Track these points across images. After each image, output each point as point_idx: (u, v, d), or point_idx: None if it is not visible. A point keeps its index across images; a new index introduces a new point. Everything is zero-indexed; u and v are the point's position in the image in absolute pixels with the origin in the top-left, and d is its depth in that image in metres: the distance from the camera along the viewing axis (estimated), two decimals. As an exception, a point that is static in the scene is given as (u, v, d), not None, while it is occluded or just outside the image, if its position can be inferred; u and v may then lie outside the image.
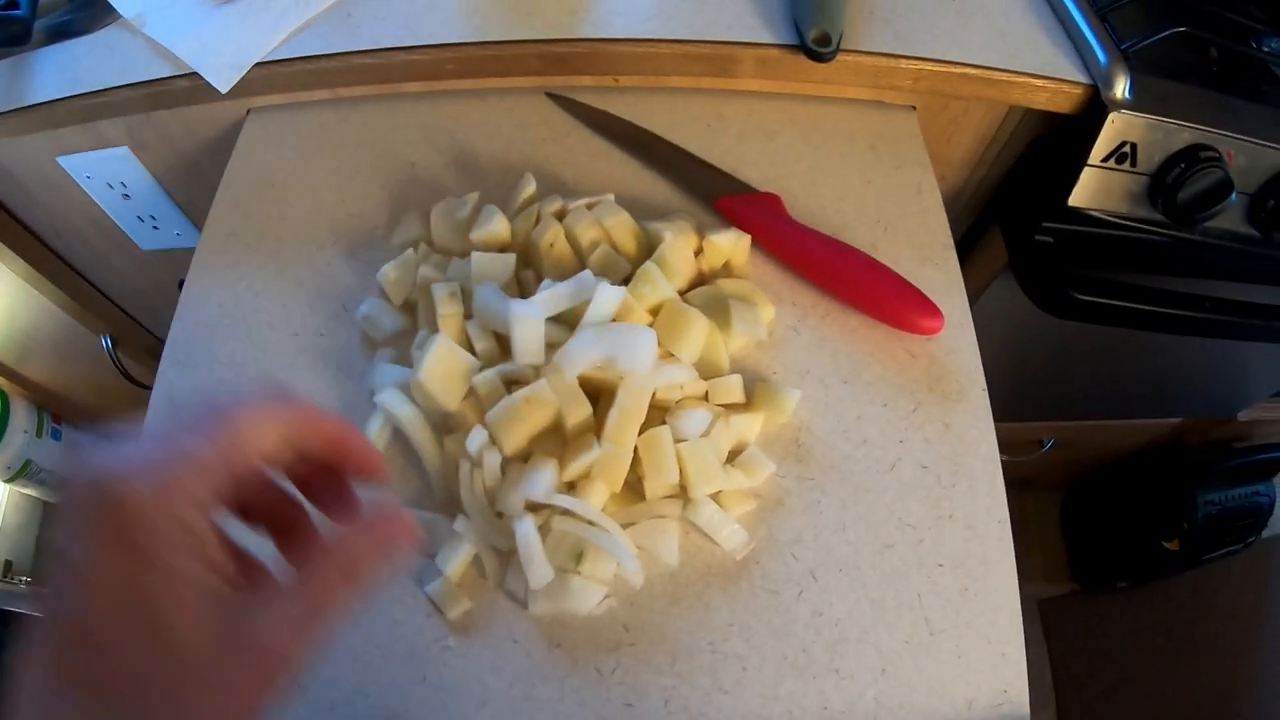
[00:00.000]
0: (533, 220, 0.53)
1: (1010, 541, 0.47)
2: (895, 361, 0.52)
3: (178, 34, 0.62)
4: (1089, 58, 0.60)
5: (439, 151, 0.61)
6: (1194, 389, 1.12)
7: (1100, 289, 0.68)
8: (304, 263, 0.57)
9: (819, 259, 0.53)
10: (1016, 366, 0.94)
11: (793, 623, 0.44)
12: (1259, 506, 1.29)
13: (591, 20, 0.61)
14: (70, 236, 0.83)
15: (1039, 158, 0.69)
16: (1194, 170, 0.60)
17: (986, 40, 0.61)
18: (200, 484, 0.24)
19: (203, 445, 0.25)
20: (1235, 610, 1.37)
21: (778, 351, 0.52)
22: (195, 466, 0.24)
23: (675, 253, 0.50)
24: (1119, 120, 0.59)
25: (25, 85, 0.63)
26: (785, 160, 0.61)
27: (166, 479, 0.24)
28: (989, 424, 0.50)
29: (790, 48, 0.59)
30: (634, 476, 0.45)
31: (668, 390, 0.47)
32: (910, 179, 0.60)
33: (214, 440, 0.25)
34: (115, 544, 0.23)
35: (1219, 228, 0.65)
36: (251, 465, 0.26)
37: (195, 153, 0.70)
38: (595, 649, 0.43)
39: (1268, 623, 1.33)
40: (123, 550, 0.23)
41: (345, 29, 0.61)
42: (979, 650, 0.44)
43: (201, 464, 0.25)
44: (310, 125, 0.64)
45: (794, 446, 0.49)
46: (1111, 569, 1.43)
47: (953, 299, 0.54)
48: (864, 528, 0.47)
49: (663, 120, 0.62)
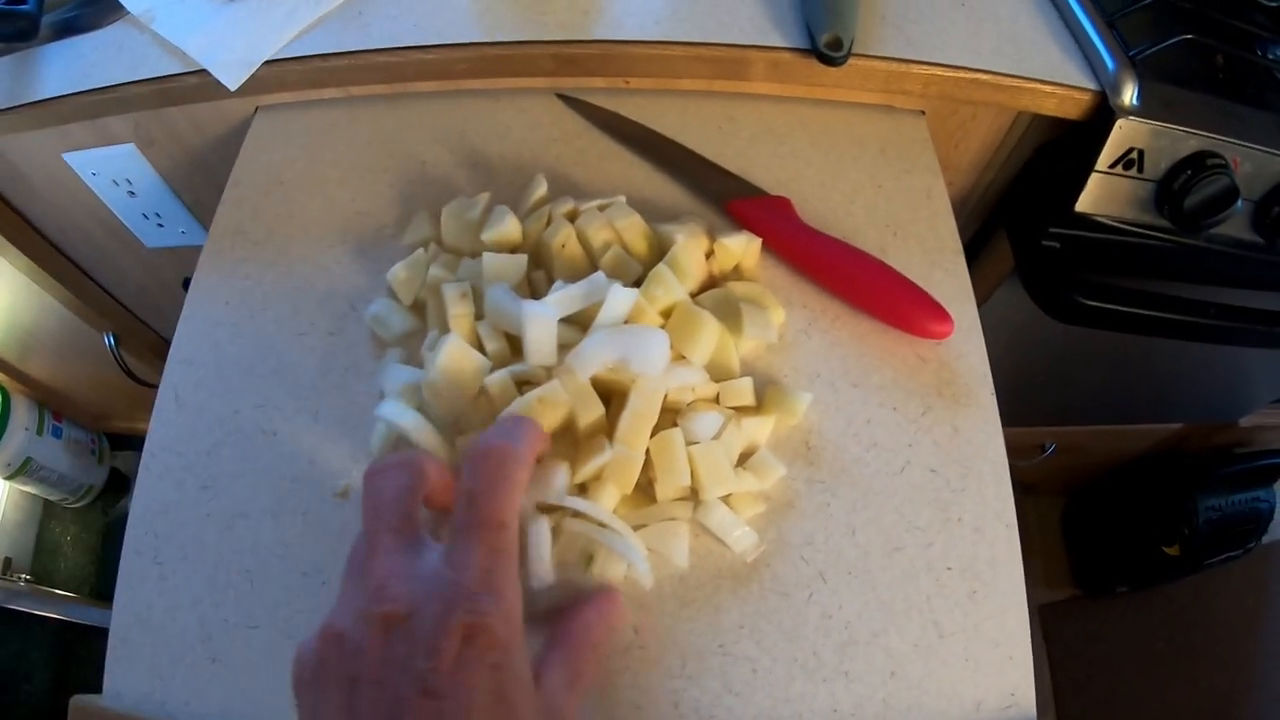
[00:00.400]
0: (544, 221, 0.53)
1: (1018, 545, 0.47)
2: (905, 365, 0.52)
3: (187, 31, 0.62)
4: (1097, 64, 0.61)
5: (449, 151, 0.61)
6: (1196, 394, 1.12)
7: (1106, 294, 0.68)
8: (313, 261, 0.57)
9: (829, 262, 0.53)
10: (1020, 371, 0.94)
11: (802, 625, 0.44)
12: (1260, 512, 1.29)
13: (604, 22, 0.61)
14: (74, 233, 0.83)
15: (1046, 163, 0.69)
16: (1200, 177, 0.60)
17: (996, 46, 0.61)
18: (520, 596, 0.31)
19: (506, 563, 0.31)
20: (1236, 616, 1.37)
21: (788, 354, 0.52)
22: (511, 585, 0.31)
23: (687, 255, 0.50)
24: (1126, 126, 0.59)
25: (32, 81, 0.63)
26: (796, 164, 0.61)
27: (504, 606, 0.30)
28: (997, 428, 0.50)
29: (802, 51, 0.59)
30: (645, 479, 0.45)
31: (679, 392, 0.47)
32: (920, 184, 0.60)
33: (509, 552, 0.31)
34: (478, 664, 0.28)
35: (1224, 234, 0.65)
36: None
37: (202, 150, 0.70)
38: (605, 650, 0.43)
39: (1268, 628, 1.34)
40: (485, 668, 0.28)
41: (357, 27, 0.61)
42: (987, 653, 0.44)
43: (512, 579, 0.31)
44: (320, 123, 0.64)
45: (804, 449, 0.49)
46: (1112, 574, 1.44)
47: (962, 304, 0.54)
48: (873, 531, 0.47)
49: (674, 122, 0.62)
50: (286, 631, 0.44)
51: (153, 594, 0.46)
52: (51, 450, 1.25)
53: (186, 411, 0.51)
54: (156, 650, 0.44)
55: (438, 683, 0.27)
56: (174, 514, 0.48)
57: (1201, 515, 1.25)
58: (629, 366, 0.44)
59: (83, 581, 1.36)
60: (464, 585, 0.29)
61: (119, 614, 0.45)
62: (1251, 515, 1.29)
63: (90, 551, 1.38)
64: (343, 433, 0.50)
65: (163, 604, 0.46)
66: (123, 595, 0.46)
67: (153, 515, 0.48)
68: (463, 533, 0.31)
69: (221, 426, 0.51)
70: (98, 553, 1.39)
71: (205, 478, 0.49)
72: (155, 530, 0.48)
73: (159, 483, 0.49)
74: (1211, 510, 1.26)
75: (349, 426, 0.50)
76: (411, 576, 0.30)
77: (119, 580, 0.46)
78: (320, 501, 0.47)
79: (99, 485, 1.38)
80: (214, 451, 0.50)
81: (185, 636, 0.44)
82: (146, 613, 0.45)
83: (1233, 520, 1.28)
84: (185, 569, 0.46)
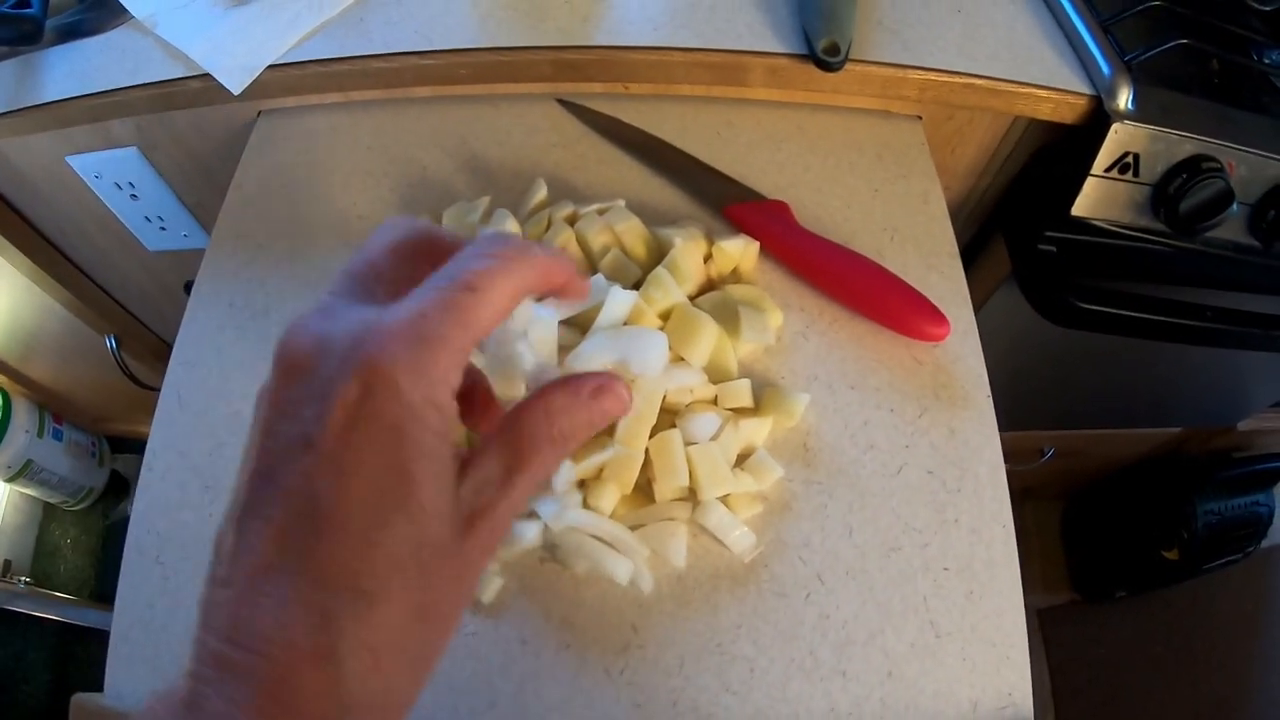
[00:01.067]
0: (544, 225, 0.54)
1: (1014, 546, 0.47)
2: (902, 368, 0.52)
3: (190, 35, 0.62)
4: (1093, 69, 0.61)
5: (450, 155, 0.62)
6: (1194, 399, 1.12)
7: (1103, 298, 0.69)
8: (316, 264, 0.57)
9: (827, 266, 0.54)
10: (1018, 375, 0.94)
11: (800, 625, 0.44)
12: (1258, 516, 1.29)
13: (603, 27, 0.61)
14: (76, 236, 0.83)
15: (1042, 167, 0.69)
16: (1196, 181, 0.60)
17: (993, 51, 0.62)
18: (452, 364, 0.24)
19: (453, 325, 0.24)
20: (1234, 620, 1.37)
21: (786, 357, 0.53)
22: (447, 347, 0.23)
23: (686, 258, 0.51)
24: (1122, 131, 0.60)
25: (36, 84, 0.63)
26: (794, 168, 0.61)
27: (424, 361, 0.23)
28: (993, 430, 0.51)
29: (800, 57, 0.60)
30: (644, 478, 0.46)
31: (678, 394, 0.47)
32: (916, 188, 0.61)
33: (463, 317, 0.24)
34: (368, 421, 0.22)
35: (1220, 238, 0.66)
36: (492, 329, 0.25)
37: (205, 154, 0.70)
38: (604, 650, 0.43)
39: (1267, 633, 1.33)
40: (376, 427, 0.22)
41: (358, 33, 0.62)
42: (984, 653, 0.44)
43: (451, 345, 0.23)
44: (322, 127, 0.64)
45: (802, 451, 0.49)
46: (1111, 578, 1.44)
47: (958, 307, 0.54)
48: (871, 531, 0.47)
49: (673, 127, 0.63)
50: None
51: (155, 593, 0.46)
52: (52, 453, 1.25)
53: (189, 412, 0.52)
54: (158, 649, 0.45)
55: (321, 436, 0.22)
56: (176, 514, 0.49)
57: (1200, 519, 1.25)
58: (628, 367, 0.45)
59: (82, 584, 1.36)
60: (385, 327, 0.23)
61: (120, 613, 0.46)
62: (1250, 519, 1.29)
63: (90, 554, 1.39)
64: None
65: (164, 603, 0.46)
66: (124, 594, 0.46)
67: (155, 515, 0.49)
68: (422, 286, 0.25)
69: (224, 427, 0.51)
70: (97, 555, 1.39)
71: (208, 478, 0.49)
72: (157, 530, 0.48)
73: (161, 483, 0.50)
74: (1210, 514, 1.26)
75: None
76: (334, 317, 0.24)
77: (121, 579, 0.46)
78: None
79: (99, 488, 1.38)
80: (216, 452, 0.50)
81: (187, 635, 0.45)
82: (148, 612, 0.46)
83: (1232, 524, 1.28)
84: (187, 568, 0.47)
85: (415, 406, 0.23)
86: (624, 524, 0.46)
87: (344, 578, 0.22)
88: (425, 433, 0.23)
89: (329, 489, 0.22)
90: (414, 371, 0.22)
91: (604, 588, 0.45)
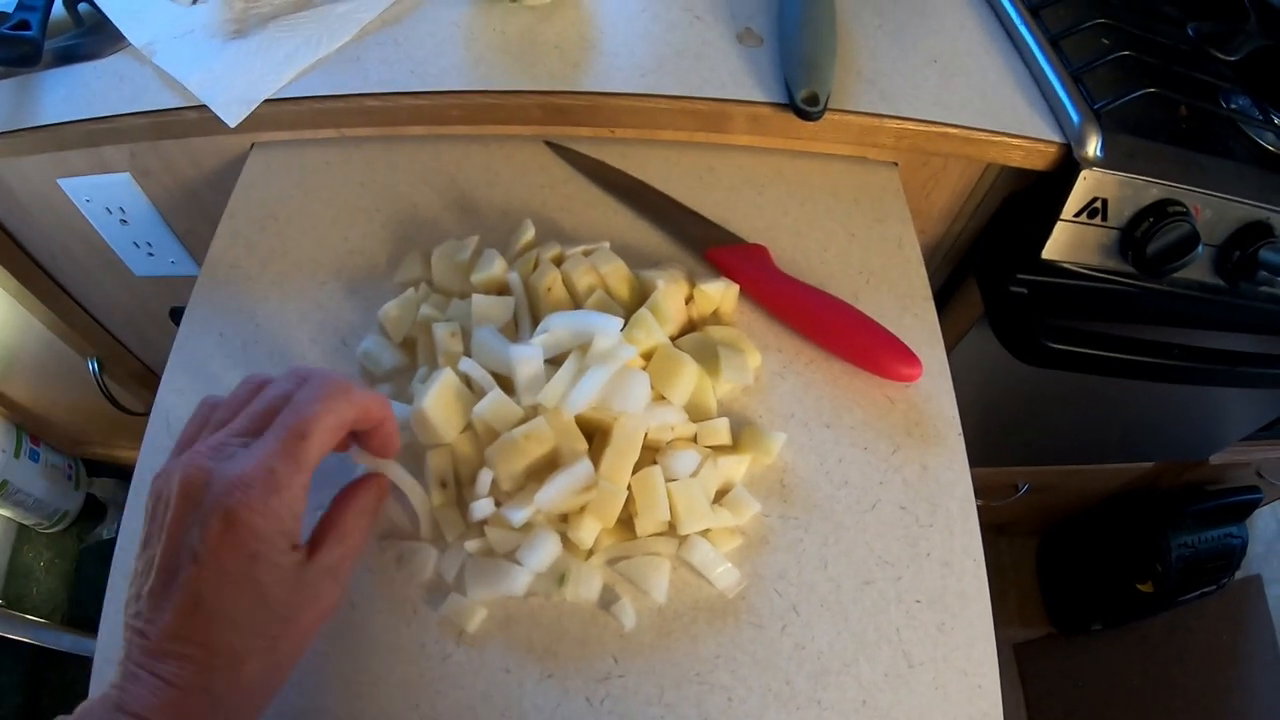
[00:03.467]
0: (531, 264, 0.55)
1: (985, 578, 0.48)
2: (876, 407, 0.54)
3: (188, 66, 0.63)
4: (1063, 117, 0.63)
5: (440, 194, 0.63)
6: (1166, 434, 1.14)
7: (1073, 338, 0.70)
8: (306, 297, 0.58)
9: (804, 308, 0.56)
10: (993, 412, 0.96)
11: (776, 655, 0.45)
12: (1232, 548, 1.31)
13: (592, 74, 0.63)
14: (64, 258, 0.83)
15: (1014, 212, 0.72)
16: (1162, 224, 0.62)
17: (966, 100, 0.64)
18: (295, 497, 0.35)
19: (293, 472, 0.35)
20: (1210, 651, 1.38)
21: (764, 396, 0.54)
22: (290, 487, 0.35)
23: (668, 300, 0.52)
24: (1090, 177, 0.62)
25: (33, 106, 0.63)
26: (773, 213, 0.63)
27: (272, 505, 0.34)
28: (964, 467, 0.52)
29: (780, 106, 0.62)
30: (625, 513, 0.47)
31: (659, 431, 0.48)
32: (892, 233, 0.63)
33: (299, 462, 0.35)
34: (232, 546, 0.33)
35: (1187, 278, 0.68)
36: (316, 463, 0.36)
37: (197, 183, 0.71)
38: (585, 679, 0.44)
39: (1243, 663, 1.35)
40: (239, 551, 0.33)
41: (354, 70, 0.63)
42: (956, 682, 0.45)
43: (294, 484, 0.35)
44: (314, 162, 0.65)
45: (778, 487, 0.51)
46: (1087, 612, 1.45)
47: (931, 348, 0.56)
48: (845, 565, 0.48)
49: (657, 171, 0.64)
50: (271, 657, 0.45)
51: (140, 622, 0.46)
52: (28, 474, 1.23)
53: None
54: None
55: (204, 554, 0.33)
56: (163, 543, 0.49)
57: (1174, 552, 1.27)
58: (611, 405, 0.46)
59: (55, 607, 1.34)
60: (243, 480, 0.34)
61: (104, 637, 0.46)
62: (1224, 551, 1.31)
63: (64, 577, 1.37)
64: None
65: (150, 631, 0.46)
66: (108, 618, 0.46)
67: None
68: (273, 429, 0.36)
69: (212, 457, 0.51)
70: (71, 579, 1.37)
71: (195, 507, 0.50)
72: (144, 559, 0.48)
73: (148, 510, 0.50)
74: (1184, 547, 1.28)
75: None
76: (222, 459, 0.35)
77: (105, 603, 0.46)
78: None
79: (74, 511, 1.36)
80: (204, 482, 0.51)
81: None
82: (133, 640, 0.46)
83: (1206, 557, 1.29)
84: (173, 598, 0.47)
85: (266, 536, 0.34)
86: (606, 556, 0.47)
87: (220, 646, 0.33)
88: (272, 550, 0.35)
89: (209, 590, 0.33)
90: (264, 513, 0.34)
91: (586, 618, 0.46)
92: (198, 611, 0.33)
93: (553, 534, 0.46)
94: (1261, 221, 0.64)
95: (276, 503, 0.34)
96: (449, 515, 0.47)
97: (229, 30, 0.65)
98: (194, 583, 0.33)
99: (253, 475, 0.34)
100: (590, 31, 0.66)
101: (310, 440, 0.35)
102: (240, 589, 0.34)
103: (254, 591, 0.34)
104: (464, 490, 0.48)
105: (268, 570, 0.34)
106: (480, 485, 0.46)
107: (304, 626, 0.37)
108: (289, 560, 0.36)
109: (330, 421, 0.36)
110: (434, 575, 0.47)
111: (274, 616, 0.35)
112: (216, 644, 0.33)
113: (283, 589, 0.35)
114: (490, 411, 0.47)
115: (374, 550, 0.48)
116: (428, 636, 0.45)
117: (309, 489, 0.36)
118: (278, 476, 0.34)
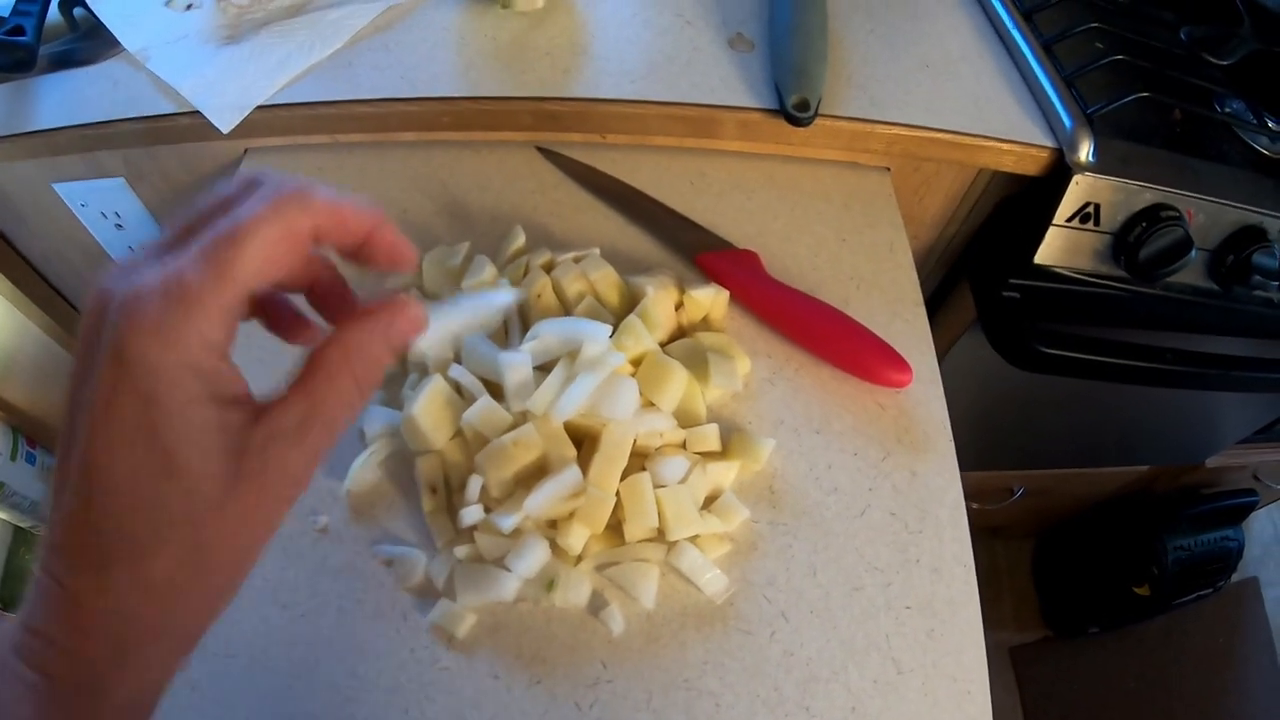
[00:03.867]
0: (522, 270, 0.55)
1: (975, 585, 0.48)
2: (865, 413, 0.54)
3: (181, 72, 0.63)
4: (1055, 122, 0.63)
5: (431, 199, 0.63)
6: (1162, 437, 1.14)
7: (1066, 343, 0.70)
8: (297, 301, 0.58)
9: (794, 314, 0.56)
10: (987, 417, 0.96)
11: (765, 662, 0.45)
12: (1228, 551, 1.31)
13: (582, 80, 0.63)
14: (59, 261, 0.83)
15: (1006, 217, 0.72)
16: (1155, 229, 0.62)
17: (958, 106, 0.64)
18: (212, 323, 0.24)
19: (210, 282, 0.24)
20: (1207, 654, 1.38)
21: (753, 402, 0.54)
22: (203, 306, 0.24)
23: (657, 306, 0.52)
24: (1083, 182, 0.62)
25: (27, 111, 0.64)
26: (763, 218, 0.63)
27: (175, 326, 0.24)
28: (955, 473, 0.52)
29: (771, 112, 0.62)
30: (614, 519, 0.47)
31: (648, 437, 0.48)
32: (883, 238, 0.63)
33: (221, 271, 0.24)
34: (125, 390, 0.24)
35: (1180, 283, 0.68)
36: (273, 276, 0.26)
37: (191, 188, 0.71)
38: (574, 685, 0.44)
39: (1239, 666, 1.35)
40: (133, 397, 0.24)
41: (346, 77, 0.63)
42: (945, 688, 0.45)
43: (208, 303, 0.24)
44: (306, 167, 0.65)
45: (768, 493, 0.51)
46: (1083, 615, 1.45)
47: (921, 354, 0.56)
48: (834, 571, 0.48)
49: (647, 177, 0.64)
50: (264, 662, 0.45)
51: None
52: (25, 477, 1.23)
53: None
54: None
55: (97, 406, 0.24)
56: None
57: (1170, 555, 1.27)
58: (600, 412, 0.46)
59: (53, 612, 1.34)
60: (137, 293, 0.24)
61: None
62: (1220, 554, 1.31)
63: (62, 581, 1.37)
64: (322, 469, 0.51)
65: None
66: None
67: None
68: (197, 238, 0.25)
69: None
70: (69, 583, 1.37)
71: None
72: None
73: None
74: (1180, 550, 1.28)
75: (328, 464, 0.51)
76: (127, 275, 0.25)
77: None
78: (300, 535, 0.49)
79: (73, 514, 1.36)
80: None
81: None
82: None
83: (1202, 559, 1.29)
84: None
85: (167, 372, 0.24)
86: (595, 562, 0.47)
87: (118, 533, 0.25)
88: (176, 392, 0.24)
89: (100, 454, 0.24)
90: (162, 339, 0.23)
91: (575, 624, 0.46)
92: (91, 486, 0.25)
93: (542, 540, 0.46)
94: (1255, 226, 0.65)
95: (181, 324, 0.24)
96: (439, 521, 0.48)
97: (222, 36, 0.66)
98: (86, 449, 0.24)
99: (149, 287, 0.24)
100: (581, 37, 0.66)
101: (243, 248, 0.25)
102: (133, 449, 0.24)
103: (154, 453, 0.24)
104: (453, 496, 0.48)
105: (172, 422, 0.24)
106: (470, 491, 0.46)
107: (242, 512, 0.26)
108: (208, 414, 0.25)
109: (274, 230, 0.25)
110: (423, 581, 0.47)
111: (189, 491, 0.25)
112: (107, 527, 0.25)
113: (199, 453, 0.25)
114: (480, 418, 0.47)
115: (363, 555, 0.48)
116: (417, 642, 0.45)
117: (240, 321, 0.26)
118: (187, 287, 0.24)
